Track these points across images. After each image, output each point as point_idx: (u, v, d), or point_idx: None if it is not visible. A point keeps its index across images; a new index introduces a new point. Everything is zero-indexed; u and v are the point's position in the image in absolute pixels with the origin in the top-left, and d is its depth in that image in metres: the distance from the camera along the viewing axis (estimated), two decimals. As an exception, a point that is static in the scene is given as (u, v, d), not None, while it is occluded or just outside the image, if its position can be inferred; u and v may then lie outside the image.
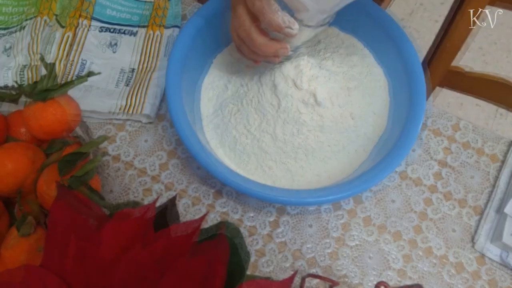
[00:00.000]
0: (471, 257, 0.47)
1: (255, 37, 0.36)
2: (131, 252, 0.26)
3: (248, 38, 0.37)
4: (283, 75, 0.45)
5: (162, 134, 0.52)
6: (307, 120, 0.45)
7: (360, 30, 0.52)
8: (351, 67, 0.49)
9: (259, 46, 0.37)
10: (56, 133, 0.40)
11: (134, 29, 0.57)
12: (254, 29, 0.36)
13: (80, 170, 0.38)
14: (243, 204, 0.48)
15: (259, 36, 0.36)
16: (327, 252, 0.47)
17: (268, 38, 0.37)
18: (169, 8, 0.57)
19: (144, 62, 0.55)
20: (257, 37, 0.36)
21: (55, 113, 0.39)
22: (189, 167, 0.50)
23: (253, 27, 0.36)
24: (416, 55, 0.48)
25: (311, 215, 0.48)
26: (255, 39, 0.36)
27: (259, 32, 0.36)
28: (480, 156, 0.51)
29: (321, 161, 0.47)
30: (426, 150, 0.51)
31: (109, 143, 0.51)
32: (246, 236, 0.47)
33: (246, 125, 0.47)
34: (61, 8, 0.56)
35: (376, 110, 0.49)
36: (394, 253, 0.47)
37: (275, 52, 0.38)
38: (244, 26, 0.36)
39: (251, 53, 0.40)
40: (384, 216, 0.48)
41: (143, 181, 0.49)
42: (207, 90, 0.51)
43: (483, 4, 0.56)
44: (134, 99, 0.51)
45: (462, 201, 0.49)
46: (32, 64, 0.53)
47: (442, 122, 0.53)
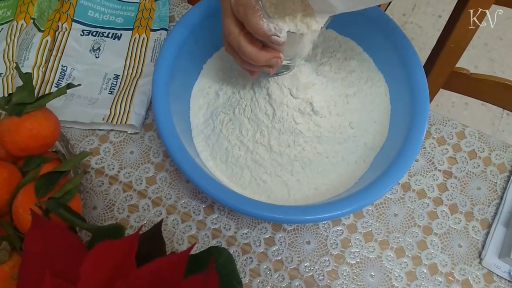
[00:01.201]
0: (478, 274, 0.46)
1: (244, 46, 0.35)
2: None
3: (238, 47, 0.35)
4: (278, 83, 0.44)
5: (149, 145, 0.50)
6: (304, 130, 0.44)
7: (358, 32, 0.50)
8: (350, 73, 0.48)
9: (249, 55, 0.35)
10: (32, 149, 0.38)
11: (118, 32, 0.55)
12: (243, 37, 0.35)
13: (59, 191, 0.36)
14: (236, 220, 0.47)
15: (248, 45, 0.35)
16: (326, 270, 0.45)
17: (259, 47, 0.36)
18: (155, 9, 0.56)
19: (129, 68, 0.53)
20: (246, 45, 0.35)
21: (31, 128, 0.38)
22: (178, 181, 0.48)
23: (242, 35, 0.35)
24: (417, 59, 0.46)
25: (308, 231, 0.47)
26: (244, 48, 0.35)
27: (248, 41, 0.35)
28: (486, 166, 0.50)
29: (319, 174, 0.45)
30: (430, 160, 0.50)
31: (92, 156, 0.49)
32: (240, 254, 0.45)
33: (239, 136, 0.45)
34: (39, 11, 0.54)
35: (377, 118, 0.48)
36: (397, 271, 0.46)
37: (267, 61, 0.36)
38: (234, 35, 0.35)
39: (244, 63, 0.38)
40: (386, 231, 0.47)
41: (128, 197, 0.47)
42: (197, 98, 0.50)
43: (489, 4, 0.54)
44: (118, 108, 0.50)
45: (469, 214, 0.48)
46: (8, 72, 0.51)
47: (447, 130, 0.52)
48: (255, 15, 0.32)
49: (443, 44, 0.61)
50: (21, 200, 0.36)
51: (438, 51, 0.63)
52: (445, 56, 0.62)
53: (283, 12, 0.36)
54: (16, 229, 0.36)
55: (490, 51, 1.18)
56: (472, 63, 1.15)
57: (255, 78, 0.45)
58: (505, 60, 1.18)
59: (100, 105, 0.50)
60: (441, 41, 0.63)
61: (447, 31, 0.61)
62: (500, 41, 1.20)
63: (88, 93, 0.51)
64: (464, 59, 0.63)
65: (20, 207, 0.35)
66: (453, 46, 0.61)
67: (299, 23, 0.36)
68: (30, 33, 0.54)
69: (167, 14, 0.56)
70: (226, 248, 0.34)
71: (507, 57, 1.18)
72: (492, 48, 1.18)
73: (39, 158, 0.39)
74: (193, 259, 0.32)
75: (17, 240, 0.36)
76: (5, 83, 0.51)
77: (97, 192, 0.47)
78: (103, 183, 0.48)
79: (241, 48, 0.35)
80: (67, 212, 0.35)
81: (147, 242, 0.30)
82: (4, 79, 0.51)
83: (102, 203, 0.47)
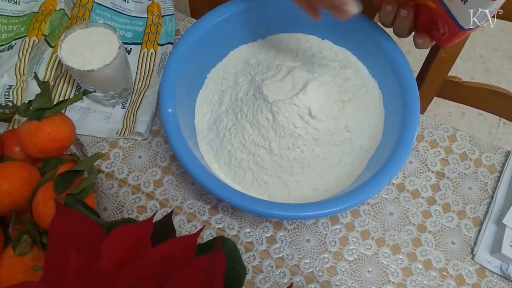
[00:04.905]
0: (471, 269, 0.49)
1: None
2: (130, 267, 0.28)
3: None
4: (277, 89, 0.48)
5: (156, 150, 0.54)
6: (302, 133, 0.48)
7: (353, 43, 0.55)
8: (345, 80, 0.52)
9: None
10: (51, 151, 0.43)
11: (128, 46, 0.60)
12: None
13: (76, 188, 0.40)
14: (239, 220, 0.51)
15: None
16: (325, 267, 0.49)
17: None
18: (162, 24, 0.61)
19: (139, 82, 0.58)
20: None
21: (50, 132, 0.42)
22: (184, 183, 0.52)
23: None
24: (408, 66, 0.50)
25: (308, 229, 0.50)
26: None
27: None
28: (477, 167, 0.54)
29: (317, 175, 0.49)
30: (423, 162, 0.54)
31: (103, 160, 0.53)
32: (243, 252, 0.49)
33: (241, 140, 0.49)
34: (50, 28, 0.58)
35: (371, 122, 0.52)
36: (393, 267, 0.49)
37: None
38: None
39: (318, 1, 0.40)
40: (382, 229, 0.51)
41: (137, 198, 0.51)
42: (202, 105, 0.54)
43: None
44: (129, 120, 0.54)
45: (461, 213, 0.52)
46: (18, 85, 0.55)
47: (439, 133, 0.56)
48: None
49: (435, 54, 0.66)
50: (41, 197, 0.40)
51: (431, 61, 0.67)
52: (437, 66, 0.67)
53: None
54: (36, 225, 0.40)
55: (486, 62, 1.24)
56: (468, 74, 1.20)
57: (256, 85, 0.50)
58: (500, 71, 1.24)
59: (114, 120, 0.55)
60: (433, 51, 0.67)
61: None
62: (495, 52, 1.26)
63: (103, 108, 0.56)
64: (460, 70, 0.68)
65: (40, 203, 0.39)
66: (445, 55, 0.65)
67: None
68: (41, 48, 0.59)
69: (173, 29, 0.61)
70: (230, 239, 0.38)
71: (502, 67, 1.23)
72: (487, 59, 1.24)
73: (56, 159, 0.43)
74: (200, 247, 0.36)
75: (37, 234, 0.40)
76: (15, 95, 0.55)
77: (107, 195, 0.51)
78: (113, 186, 0.52)
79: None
80: (84, 208, 0.39)
81: (160, 230, 0.33)
82: (15, 91, 0.55)
83: (112, 204, 0.51)
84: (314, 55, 0.55)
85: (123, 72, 0.53)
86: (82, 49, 0.50)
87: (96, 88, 0.52)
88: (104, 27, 0.52)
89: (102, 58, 0.49)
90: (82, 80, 0.51)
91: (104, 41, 0.51)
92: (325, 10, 0.41)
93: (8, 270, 0.37)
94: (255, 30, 0.56)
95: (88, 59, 0.50)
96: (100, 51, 0.50)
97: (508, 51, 1.30)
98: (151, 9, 0.61)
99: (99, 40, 0.51)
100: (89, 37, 0.51)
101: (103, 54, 0.50)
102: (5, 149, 0.44)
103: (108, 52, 0.50)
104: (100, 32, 0.51)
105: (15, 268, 0.37)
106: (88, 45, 0.51)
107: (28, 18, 0.61)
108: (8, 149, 0.44)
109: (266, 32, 0.57)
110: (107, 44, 0.51)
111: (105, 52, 0.50)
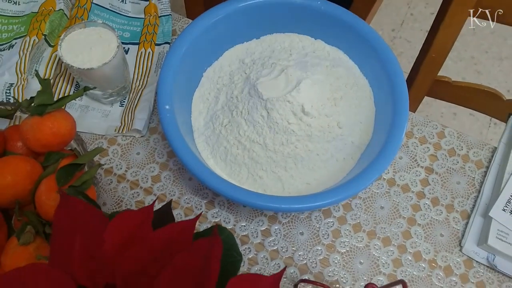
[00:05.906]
0: (459, 260, 0.51)
1: None
2: (132, 249, 0.30)
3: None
4: (272, 87, 0.50)
5: (154, 147, 0.56)
6: (296, 129, 0.50)
7: (345, 43, 0.57)
8: (337, 78, 0.55)
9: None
10: (52, 146, 0.45)
11: (126, 46, 0.62)
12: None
13: (77, 181, 0.42)
14: (235, 214, 0.53)
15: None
16: (319, 259, 0.51)
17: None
18: (159, 25, 0.63)
19: (136, 81, 0.60)
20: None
21: (52, 127, 0.44)
22: (181, 179, 0.54)
23: None
24: (398, 66, 0.53)
25: (302, 223, 0.52)
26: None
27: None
28: (465, 162, 0.57)
29: (310, 170, 0.51)
30: (413, 158, 0.57)
31: (102, 156, 0.55)
32: (239, 245, 0.51)
33: (236, 136, 0.52)
34: (50, 28, 0.60)
35: (363, 119, 0.54)
36: (384, 258, 0.51)
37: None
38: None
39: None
40: (374, 223, 0.53)
41: (135, 193, 0.53)
42: (198, 103, 0.56)
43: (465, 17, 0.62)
44: (127, 118, 0.56)
45: (449, 207, 0.54)
46: (19, 83, 0.57)
47: (428, 130, 0.58)
48: None
49: (425, 55, 0.69)
50: (43, 189, 0.42)
51: (421, 61, 0.70)
52: (427, 66, 0.69)
53: None
54: (38, 216, 0.42)
55: (477, 63, 1.27)
56: (459, 75, 1.23)
57: (252, 83, 0.52)
58: (490, 72, 1.27)
59: (112, 117, 0.57)
60: (423, 52, 0.70)
61: (429, 43, 0.68)
62: (486, 54, 1.30)
63: (101, 105, 0.58)
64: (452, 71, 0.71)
65: (43, 195, 0.41)
66: (435, 56, 0.68)
67: None
68: (41, 47, 0.61)
69: (170, 29, 0.63)
70: (226, 228, 0.40)
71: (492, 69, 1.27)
72: (478, 61, 1.28)
73: (58, 154, 0.45)
74: (198, 235, 0.38)
75: (40, 225, 0.41)
76: (16, 92, 0.57)
77: (106, 190, 0.53)
78: (111, 182, 0.54)
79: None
80: (85, 199, 0.41)
81: (160, 217, 0.35)
82: (16, 89, 0.57)
83: (111, 199, 0.53)
84: (307, 54, 0.57)
85: (122, 70, 0.55)
86: (82, 48, 0.52)
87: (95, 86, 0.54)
88: (103, 27, 0.54)
89: (101, 57, 0.52)
90: (82, 78, 0.53)
91: (103, 41, 0.53)
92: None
93: (13, 259, 0.39)
94: (250, 30, 0.58)
95: (88, 58, 0.52)
96: (99, 50, 0.52)
97: (499, 53, 1.34)
98: (148, 10, 0.64)
99: (98, 40, 0.53)
100: (89, 37, 0.53)
101: (102, 53, 0.52)
102: (8, 144, 0.46)
103: (107, 51, 0.52)
104: (99, 32, 0.53)
105: (20, 257, 0.39)
106: (87, 44, 0.53)
107: (28, 18, 0.63)
108: (10, 144, 0.46)
109: (260, 32, 0.59)
110: (106, 43, 0.53)
111: (104, 51, 0.52)
